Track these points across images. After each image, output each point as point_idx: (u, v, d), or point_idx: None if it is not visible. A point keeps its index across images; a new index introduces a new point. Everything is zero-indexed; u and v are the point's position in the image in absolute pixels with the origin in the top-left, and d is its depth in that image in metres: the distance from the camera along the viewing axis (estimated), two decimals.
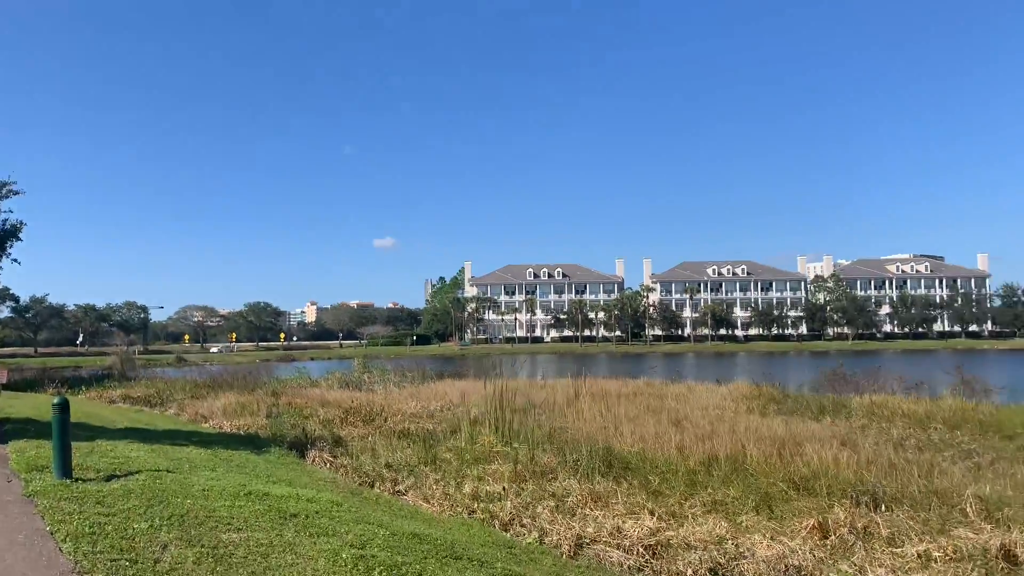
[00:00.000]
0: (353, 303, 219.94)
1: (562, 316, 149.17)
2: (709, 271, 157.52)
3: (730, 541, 7.96)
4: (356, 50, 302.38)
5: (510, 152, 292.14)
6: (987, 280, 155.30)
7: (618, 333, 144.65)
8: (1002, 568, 7.18)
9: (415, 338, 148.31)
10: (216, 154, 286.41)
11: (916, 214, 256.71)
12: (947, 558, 7.31)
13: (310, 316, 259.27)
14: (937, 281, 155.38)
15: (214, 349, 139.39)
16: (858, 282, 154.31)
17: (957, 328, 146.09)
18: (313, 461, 13.17)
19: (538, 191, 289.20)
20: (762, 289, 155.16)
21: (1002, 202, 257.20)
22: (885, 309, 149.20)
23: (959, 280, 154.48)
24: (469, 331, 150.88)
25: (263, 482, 9.58)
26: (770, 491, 9.99)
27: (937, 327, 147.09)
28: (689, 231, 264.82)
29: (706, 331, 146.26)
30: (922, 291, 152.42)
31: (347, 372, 35.98)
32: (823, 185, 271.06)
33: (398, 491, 11.09)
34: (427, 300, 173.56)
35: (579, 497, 10.12)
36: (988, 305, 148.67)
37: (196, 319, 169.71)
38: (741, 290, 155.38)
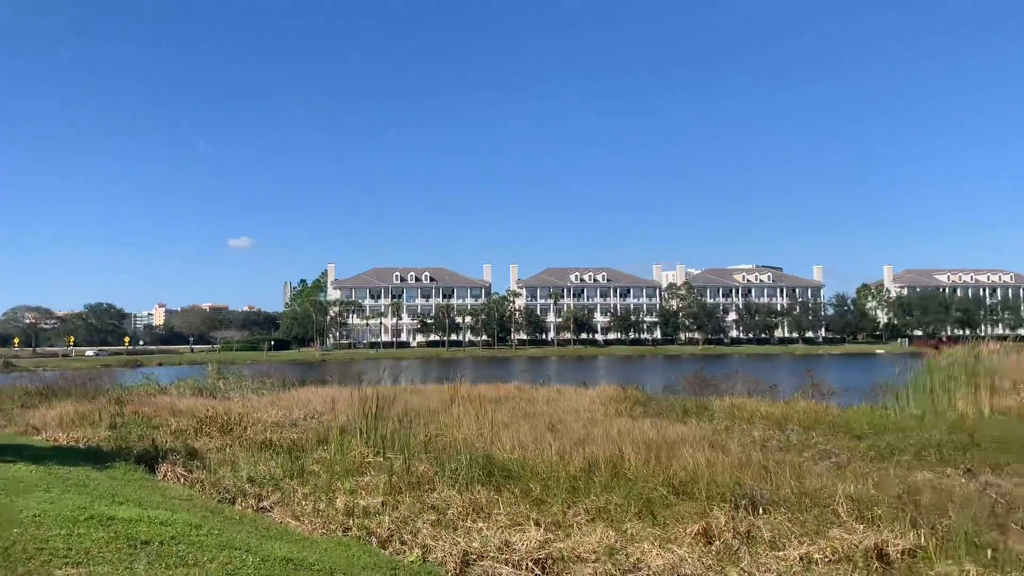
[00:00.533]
0: (206, 306, 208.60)
1: (429, 321, 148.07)
2: (572, 277, 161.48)
3: (620, 551, 7.78)
4: (211, 39, 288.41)
5: (377, 152, 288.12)
6: (821, 290, 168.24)
7: (484, 338, 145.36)
8: (876, 568, 7.39)
9: (273, 343, 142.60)
10: (59, 145, 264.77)
11: (759, 227, 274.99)
12: (827, 560, 7.45)
13: (158, 319, 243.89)
14: (778, 290, 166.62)
15: (90, 352, 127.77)
16: (708, 290, 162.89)
17: (795, 334, 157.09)
18: (165, 476, 11.97)
19: (405, 194, 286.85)
20: (621, 295, 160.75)
21: (834, 219, 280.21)
22: (732, 316, 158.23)
23: (797, 290, 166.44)
24: (331, 336, 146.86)
25: (107, 503, 8.50)
26: (651, 496, 9.95)
27: (778, 333, 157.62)
28: (554, 238, 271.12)
29: (568, 335, 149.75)
30: (765, 299, 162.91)
31: (200, 378, 33.75)
32: (678, 195, 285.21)
33: (263, 508, 10.22)
34: (287, 303, 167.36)
35: (460, 509, 9.68)
36: (822, 313, 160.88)
37: (28, 321, 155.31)
38: (602, 296, 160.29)
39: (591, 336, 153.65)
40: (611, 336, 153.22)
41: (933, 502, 9.24)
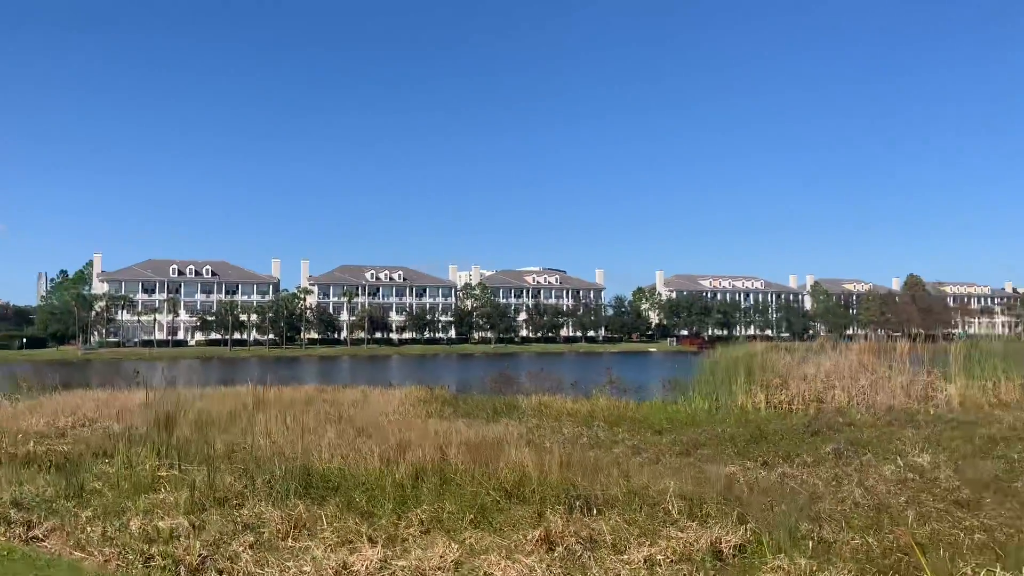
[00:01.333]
0: None
1: (210, 318, 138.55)
2: (368, 276, 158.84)
3: (467, 564, 7.32)
4: None
5: (158, 132, 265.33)
6: (602, 292, 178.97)
7: (271, 336, 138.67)
8: (714, 564, 7.55)
9: (25, 340, 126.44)
10: None
11: (547, 231, 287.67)
12: (669, 560, 7.49)
13: None
14: (564, 292, 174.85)
15: None
16: (500, 291, 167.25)
17: (579, 333, 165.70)
18: None
19: (184, 181, 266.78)
20: (417, 295, 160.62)
21: (614, 226, 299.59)
22: (522, 316, 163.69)
23: (581, 292, 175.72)
24: (97, 333, 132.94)
25: None
26: (484, 502, 9.60)
27: (563, 332, 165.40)
28: (349, 236, 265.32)
29: (362, 335, 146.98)
30: (552, 300, 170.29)
31: None
32: (474, 197, 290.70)
33: (35, 537, 8.59)
34: (42, 297, 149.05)
35: (279, 527, 8.73)
36: (603, 314, 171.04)
37: None
38: (397, 295, 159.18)
39: (386, 335, 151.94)
40: (406, 335, 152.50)
41: (753, 496, 9.72)
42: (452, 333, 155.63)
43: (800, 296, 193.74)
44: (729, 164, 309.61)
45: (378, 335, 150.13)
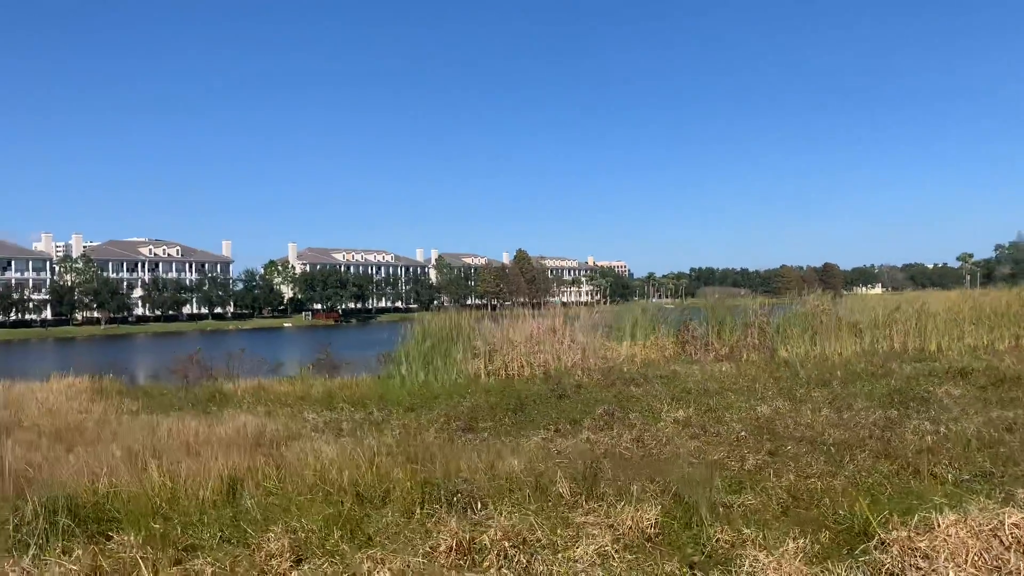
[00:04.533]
0: None
1: None
2: None
3: None
4: None
5: None
6: (230, 265, 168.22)
7: None
8: (651, 546, 7.03)
9: None
10: None
11: (157, 198, 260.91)
12: (624, 548, 6.79)
13: None
14: (187, 265, 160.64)
15: None
16: (110, 264, 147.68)
17: (205, 311, 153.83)
18: None
19: None
20: (0, 269, 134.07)
21: (239, 196, 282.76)
22: (138, 292, 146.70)
23: (207, 265, 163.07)
24: None
25: None
26: (340, 511, 7.83)
27: (187, 310, 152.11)
28: None
29: None
30: (174, 275, 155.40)
31: None
32: (63, 152, 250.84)
33: None
34: None
35: None
36: (231, 289, 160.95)
37: None
38: None
39: None
40: None
41: (618, 469, 9.42)
42: (47, 314, 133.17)
43: (426, 269, 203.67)
44: (355, 136, 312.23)
45: None
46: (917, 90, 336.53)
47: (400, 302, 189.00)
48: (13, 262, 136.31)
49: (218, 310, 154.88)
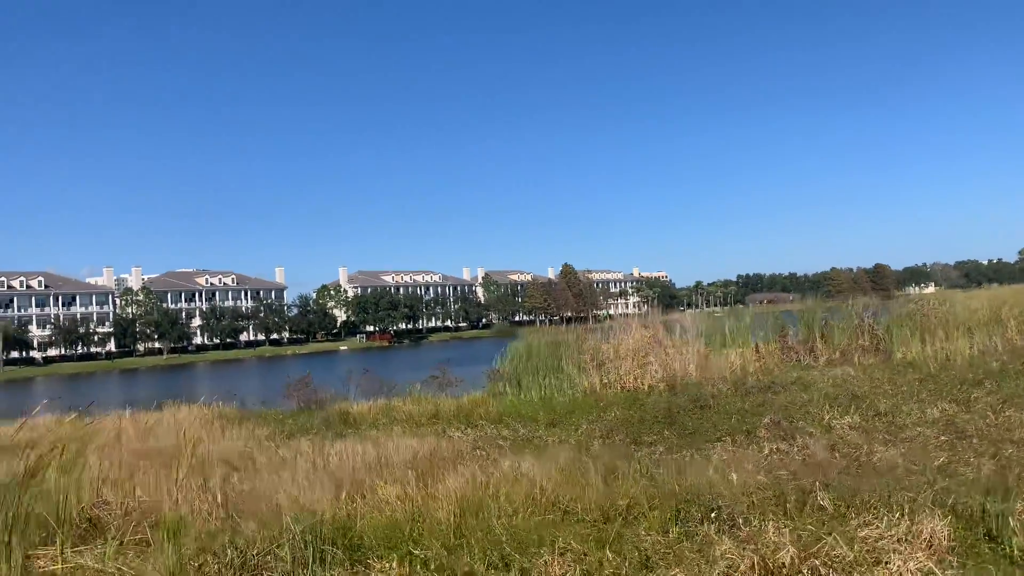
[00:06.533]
0: None
1: None
2: None
3: None
4: None
5: None
6: (284, 291, 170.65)
7: None
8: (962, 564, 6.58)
9: None
10: None
11: (213, 231, 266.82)
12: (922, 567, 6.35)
13: None
14: (242, 293, 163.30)
15: None
16: (168, 295, 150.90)
17: (262, 337, 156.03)
18: None
19: None
20: (64, 304, 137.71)
21: (290, 223, 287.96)
22: (197, 321, 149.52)
23: (261, 292, 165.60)
24: None
25: None
26: (605, 535, 7.50)
27: (244, 337, 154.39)
28: None
29: None
30: (230, 303, 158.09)
31: None
32: (123, 192, 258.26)
33: None
34: None
35: None
36: (286, 315, 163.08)
37: None
38: (38, 305, 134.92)
39: (25, 354, 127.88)
40: (53, 352, 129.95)
41: (858, 479, 8.96)
42: (112, 346, 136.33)
43: (473, 287, 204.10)
44: (398, 157, 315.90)
45: (15, 354, 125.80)
46: (964, 83, 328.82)
47: (449, 321, 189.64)
48: (77, 297, 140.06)
49: (274, 336, 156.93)
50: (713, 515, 7.72)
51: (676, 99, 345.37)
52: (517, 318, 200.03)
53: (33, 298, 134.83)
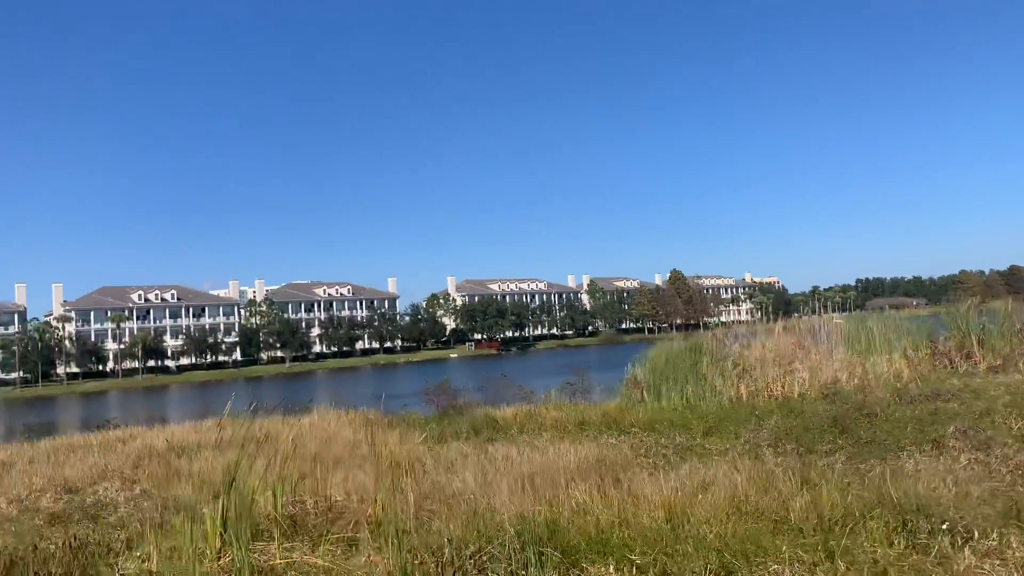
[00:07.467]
0: None
1: None
2: (135, 297, 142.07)
3: None
4: None
5: None
6: (396, 301, 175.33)
7: (21, 374, 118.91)
8: None
9: None
10: None
11: (328, 243, 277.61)
12: None
13: None
14: (357, 303, 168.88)
15: None
16: (289, 305, 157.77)
17: (376, 345, 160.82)
18: None
19: None
20: (195, 315, 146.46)
21: (401, 235, 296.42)
22: (316, 331, 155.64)
23: (375, 301, 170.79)
24: None
25: None
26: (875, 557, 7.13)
27: (359, 345, 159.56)
28: (108, 254, 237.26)
29: (134, 363, 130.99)
30: (346, 313, 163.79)
31: None
32: (246, 209, 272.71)
33: None
34: None
35: None
36: (399, 323, 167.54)
37: None
38: (172, 317, 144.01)
39: (161, 363, 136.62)
40: (185, 361, 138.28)
41: None
42: (238, 355, 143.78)
43: (579, 295, 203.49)
44: (503, 165, 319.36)
45: (152, 363, 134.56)
46: None
47: (555, 329, 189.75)
48: (206, 308, 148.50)
49: (387, 344, 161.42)
50: (945, 526, 7.22)
51: (794, 94, 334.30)
52: (624, 326, 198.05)
53: (167, 310, 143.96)
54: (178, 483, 14.15)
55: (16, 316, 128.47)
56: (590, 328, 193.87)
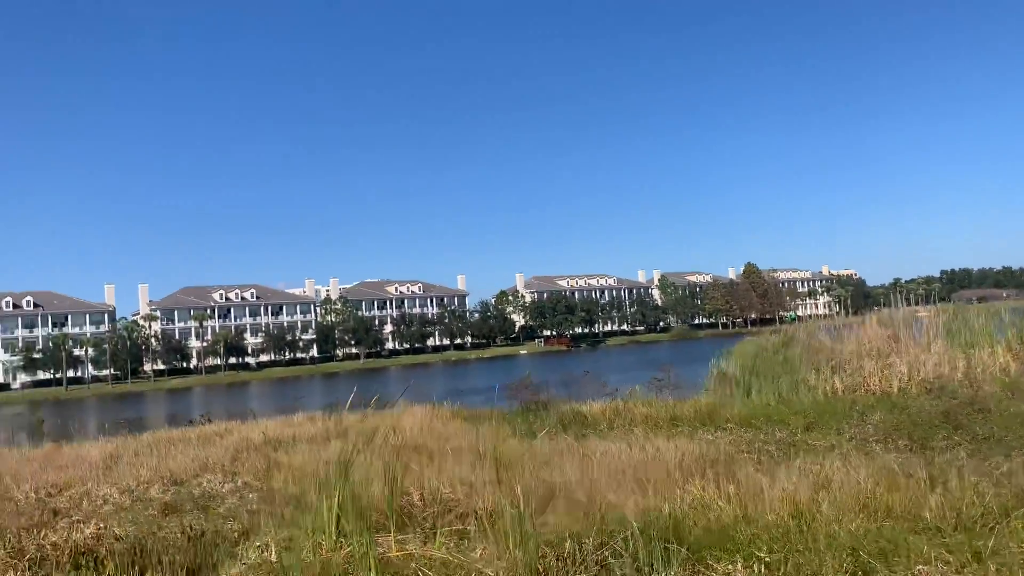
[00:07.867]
0: None
1: (37, 355, 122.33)
2: (216, 296, 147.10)
3: None
4: None
5: None
6: (466, 298, 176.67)
7: (112, 371, 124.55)
8: None
9: None
10: None
11: (398, 241, 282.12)
12: None
13: None
14: (428, 300, 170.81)
15: None
16: (363, 303, 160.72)
17: (446, 341, 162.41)
18: None
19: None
20: (273, 313, 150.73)
21: (470, 232, 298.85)
22: (388, 328, 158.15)
23: (445, 298, 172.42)
24: None
25: None
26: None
27: (431, 342, 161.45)
28: (190, 255, 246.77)
29: (216, 361, 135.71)
30: (417, 310, 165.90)
31: None
32: (317, 209, 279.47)
33: None
34: None
35: None
36: (469, 320, 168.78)
37: None
38: (251, 315, 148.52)
39: (242, 360, 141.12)
40: (264, 358, 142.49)
41: None
42: (315, 352, 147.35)
43: (649, 290, 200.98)
44: (566, 158, 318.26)
45: (233, 360, 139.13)
46: None
47: (625, 324, 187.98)
48: (284, 307, 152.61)
49: (457, 341, 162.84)
50: None
51: (871, 78, 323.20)
52: (696, 321, 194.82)
53: (247, 308, 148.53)
54: (278, 475, 14.41)
55: (106, 316, 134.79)
56: (661, 324, 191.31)
